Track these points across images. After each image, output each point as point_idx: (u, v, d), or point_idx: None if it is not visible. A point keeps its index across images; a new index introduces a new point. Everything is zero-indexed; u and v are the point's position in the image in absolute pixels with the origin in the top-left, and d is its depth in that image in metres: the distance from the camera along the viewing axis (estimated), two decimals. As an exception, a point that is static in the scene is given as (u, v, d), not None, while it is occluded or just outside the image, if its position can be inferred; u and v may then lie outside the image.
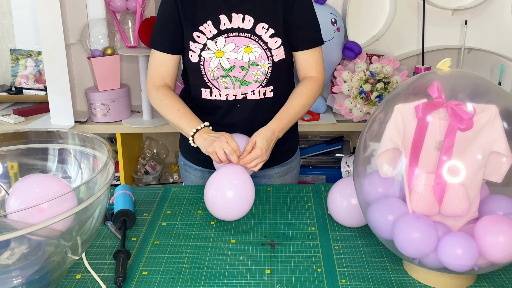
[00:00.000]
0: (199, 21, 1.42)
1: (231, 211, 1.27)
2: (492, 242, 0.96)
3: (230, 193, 1.26)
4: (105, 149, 1.12)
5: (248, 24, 1.41)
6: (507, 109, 1.02)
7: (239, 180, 1.29)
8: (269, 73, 1.46)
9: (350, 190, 1.25)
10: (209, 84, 1.48)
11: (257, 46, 1.42)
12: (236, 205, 1.27)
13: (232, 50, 1.42)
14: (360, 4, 2.37)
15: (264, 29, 1.41)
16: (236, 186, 1.28)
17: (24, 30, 2.49)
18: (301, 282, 1.07)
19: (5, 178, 1.18)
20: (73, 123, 2.24)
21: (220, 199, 1.26)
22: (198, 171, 1.63)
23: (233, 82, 1.46)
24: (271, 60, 1.44)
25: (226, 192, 1.26)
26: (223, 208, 1.27)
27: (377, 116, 1.12)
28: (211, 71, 1.44)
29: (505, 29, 2.38)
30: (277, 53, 1.44)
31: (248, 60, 1.43)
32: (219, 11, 1.41)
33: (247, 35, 1.42)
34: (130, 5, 2.26)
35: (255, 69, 1.44)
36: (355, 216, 1.25)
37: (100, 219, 1.06)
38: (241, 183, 1.29)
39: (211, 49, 1.42)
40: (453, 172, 1.00)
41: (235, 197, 1.26)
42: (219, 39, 1.41)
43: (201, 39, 1.42)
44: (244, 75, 1.45)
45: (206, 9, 1.42)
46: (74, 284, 1.08)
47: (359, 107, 2.23)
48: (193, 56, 1.44)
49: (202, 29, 1.42)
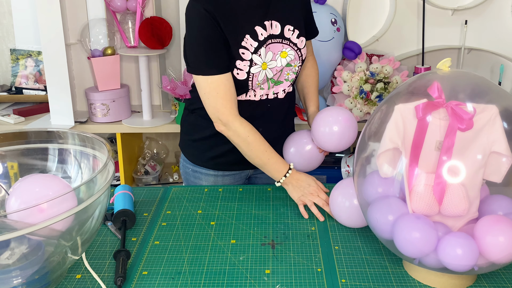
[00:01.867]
0: (240, 37, 1.37)
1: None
2: (492, 242, 0.96)
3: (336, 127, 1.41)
4: (105, 149, 1.12)
5: (276, 30, 1.41)
6: (507, 109, 1.02)
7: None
8: (298, 72, 1.49)
9: (351, 191, 1.26)
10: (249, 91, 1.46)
11: (290, 49, 1.43)
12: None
13: (271, 59, 1.41)
14: (360, 4, 2.37)
15: (291, 31, 1.42)
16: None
17: (24, 30, 2.49)
18: (301, 282, 1.07)
19: (5, 178, 1.19)
20: (73, 123, 2.24)
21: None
22: (211, 176, 1.59)
23: (269, 84, 1.46)
24: (301, 59, 1.47)
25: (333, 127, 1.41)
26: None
27: (377, 116, 1.12)
28: (257, 83, 1.43)
29: (505, 29, 2.38)
30: (304, 52, 1.47)
31: (286, 64, 1.44)
32: (253, 23, 1.38)
33: (279, 40, 1.42)
34: (130, 5, 2.26)
35: (288, 69, 1.46)
36: (356, 217, 1.25)
37: (100, 219, 1.06)
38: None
39: (258, 63, 1.39)
40: (453, 172, 1.00)
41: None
42: (262, 50, 1.39)
43: (246, 55, 1.37)
44: (279, 76, 1.46)
45: (241, 23, 1.37)
46: (74, 284, 1.08)
47: (359, 107, 2.22)
48: (240, 73, 1.38)
49: (244, 44, 1.37)
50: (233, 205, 1.40)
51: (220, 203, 1.41)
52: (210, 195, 1.45)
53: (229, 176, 1.60)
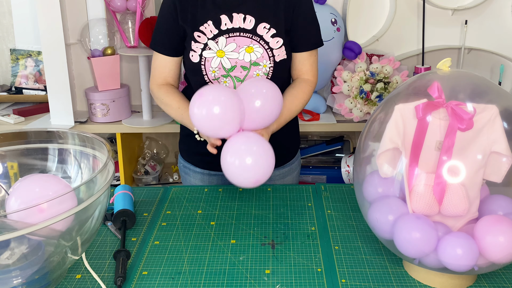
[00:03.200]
0: (199, 21, 1.42)
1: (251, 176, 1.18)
2: (492, 242, 0.96)
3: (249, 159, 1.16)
4: (105, 149, 1.12)
5: (249, 24, 1.41)
6: (507, 109, 1.02)
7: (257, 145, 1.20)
8: (270, 73, 1.45)
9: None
10: (210, 84, 1.47)
11: (258, 46, 1.42)
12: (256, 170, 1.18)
13: (233, 50, 1.42)
14: (360, 4, 2.37)
15: (266, 29, 1.41)
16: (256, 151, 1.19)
17: (24, 30, 2.49)
18: (301, 282, 1.07)
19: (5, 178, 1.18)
20: (73, 123, 2.24)
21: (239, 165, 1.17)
22: (198, 173, 1.63)
23: (234, 82, 1.45)
24: (273, 60, 1.44)
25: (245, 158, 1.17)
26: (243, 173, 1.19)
27: (377, 116, 1.12)
28: (212, 71, 1.44)
29: (505, 29, 2.38)
30: (279, 53, 1.44)
31: (250, 60, 1.43)
32: (220, 11, 1.41)
33: (249, 35, 1.41)
34: (130, 5, 2.26)
35: (256, 69, 1.44)
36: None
37: (100, 219, 1.06)
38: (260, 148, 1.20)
39: (212, 49, 1.42)
40: (453, 172, 1.00)
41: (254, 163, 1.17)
42: (220, 39, 1.41)
43: (202, 39, 1.42)
44: (245, 75, 1.44)
45: (207, 9, 1.42)
46: (74, 284, 1.08)
47: (359, 107, 2.23)
48: (193, 56, 1.44)
49: (203, 29, 1.41)
50: (233, 205, 1.40)
51: (220, 203, 1.41)
52: (210, 195, 1.45)
53: (216, 176, 1.61)
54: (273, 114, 1.27)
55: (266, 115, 1.26)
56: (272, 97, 1.26)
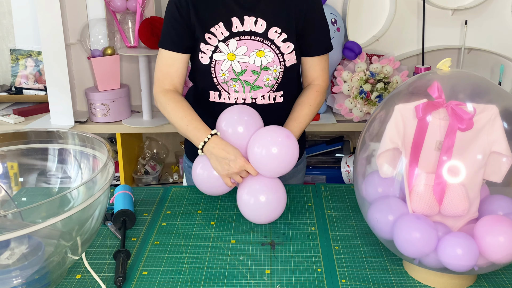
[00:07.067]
0: (210, 22, 1.39)
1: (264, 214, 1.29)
2: (492, 242, 0.96)
3: (263, 197, 1.27)
4: (105, 149, 1.12)
5: (261, 28, 1.39)
6: (507, 109, 1.02)
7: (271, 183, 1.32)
8: (280, 78, 1.44)
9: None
10: (219, 87, 1.45)
11: (269, 51, 1.40)
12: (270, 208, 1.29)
13: (244, 53, 1.40)
14: (360, 4, 2.37)
15: (277, 34, 1.39)
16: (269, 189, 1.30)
17: (24, 30, 2.49)
18: (301, 282, 1.07)
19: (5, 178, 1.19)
20: (73, 123, 2.24)
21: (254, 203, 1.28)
22: None
23: (244, 86, 1.44)
24: (283, 65, 1.42)
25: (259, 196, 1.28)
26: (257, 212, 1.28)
27: (377, 116, 1.12)
28: (221, 74, 1.42)
29: (505, 29, 2.38)
30: (289, 58, 1.42)
31: (260, 64, 1.41)
32: (232, 14, 1.39)
33: (260, 39, 1.39)
34: (130, 5, 2.26)
35: (266, 73, 1.42)
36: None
37: (100, 219, 1.06)
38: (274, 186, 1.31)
39: (223, 52, 1.39)
40: (453, 172, 1.00)
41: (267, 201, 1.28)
42: (231, 41, 1.39)
43: (212, 41, 1.39)
44: (255, 79, 1.43)
45: (219, 11, 1.40)
46: (74, 284, 1.08)
47: (359, 107, 2.23)
48: (203, 58, 1.41)
49: (214, 30, 1.39)
50: (233, 205, 1.40)
51: (220, 203, 1.41)
52: (210, 195, 1.45)
53: None
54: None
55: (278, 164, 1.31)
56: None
